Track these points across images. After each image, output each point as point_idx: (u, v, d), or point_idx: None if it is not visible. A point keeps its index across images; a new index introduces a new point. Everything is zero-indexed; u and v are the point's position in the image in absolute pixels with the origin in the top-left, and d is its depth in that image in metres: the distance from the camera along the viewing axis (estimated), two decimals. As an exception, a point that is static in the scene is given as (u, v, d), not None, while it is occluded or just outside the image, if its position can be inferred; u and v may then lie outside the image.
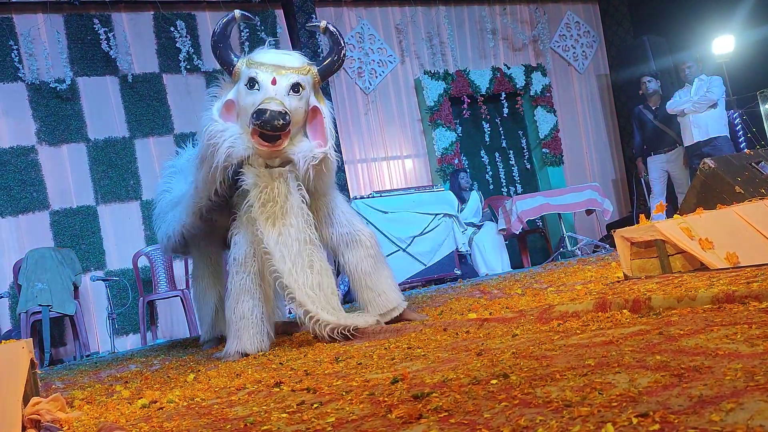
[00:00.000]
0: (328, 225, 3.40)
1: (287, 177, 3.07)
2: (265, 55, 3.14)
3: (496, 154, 8.46)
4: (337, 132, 4.15)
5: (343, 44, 3.23)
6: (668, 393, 1.07)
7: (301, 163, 3.07)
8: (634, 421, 0.96)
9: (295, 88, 3.03)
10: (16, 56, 6.33)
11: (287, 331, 3.68)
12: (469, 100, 8.04)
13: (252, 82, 3.02)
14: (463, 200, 7.13)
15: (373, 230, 3.64)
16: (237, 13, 3.24)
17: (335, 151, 3.24)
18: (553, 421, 1.04)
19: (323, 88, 7.59)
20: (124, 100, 6.75)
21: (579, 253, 6.66)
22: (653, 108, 7.25)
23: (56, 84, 6.41)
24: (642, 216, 3.09)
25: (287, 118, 2.91)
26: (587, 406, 1.07)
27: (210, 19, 7.18)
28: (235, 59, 3.14)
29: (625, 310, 2.04)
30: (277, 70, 3.02)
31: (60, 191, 6.40)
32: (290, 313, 5.26)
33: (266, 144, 2.98)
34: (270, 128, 2.89)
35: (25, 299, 5.44)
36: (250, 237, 3.16)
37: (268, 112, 2.86)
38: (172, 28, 6.92)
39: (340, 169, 7.43)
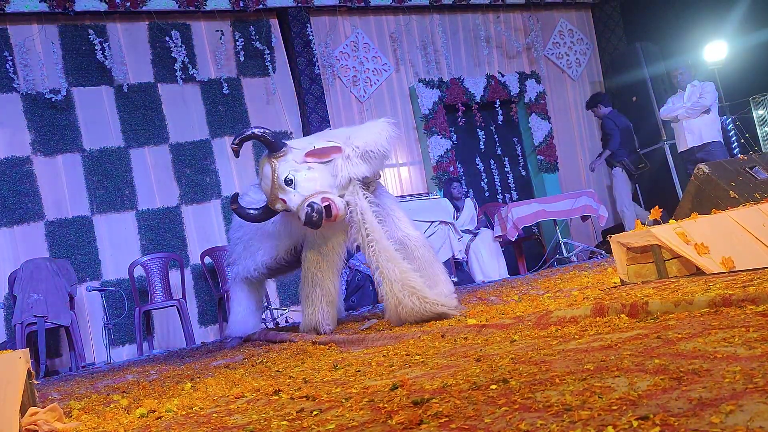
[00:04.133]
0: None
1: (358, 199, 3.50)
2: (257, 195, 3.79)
3: (491, 162, 8.49)
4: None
5: (249, 131, 3.56)
6: (668, 396, 1.07)
7: (355, 175, 3.50)
8: (635, 424, 0.96)
9: (288, 182, 3.46)
10: (10, 67, 6.32)
11: None
12: (463, 108, 8.07)
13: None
14: (457, 209, 7.13)
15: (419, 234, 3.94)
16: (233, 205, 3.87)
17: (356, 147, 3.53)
18: (553, 425, 1.04)
19: (318, 96, 7.59)
20: (119, 110, 6.74)
21: (575, 259, 6.67)
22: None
23: (51, 94, 6.41)
24: (638, 221, 3.11)
25: (314, 204, 3.34)
26: (587, 410, 1.08)
27: (205, 28, 7.20)
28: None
29: (622, 315, 2.05)
30: (278, 192, 3.51)
31: (55, 201, 6.38)
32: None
33: (330, 220, 3.43)
34: (318, 224, 3.37)
35: (20, 310, 5.41)
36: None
37: (306, 220, 3.37)
38: (167, 38, 6.93)
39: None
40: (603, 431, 0.96)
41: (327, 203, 3.38)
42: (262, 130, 3.52)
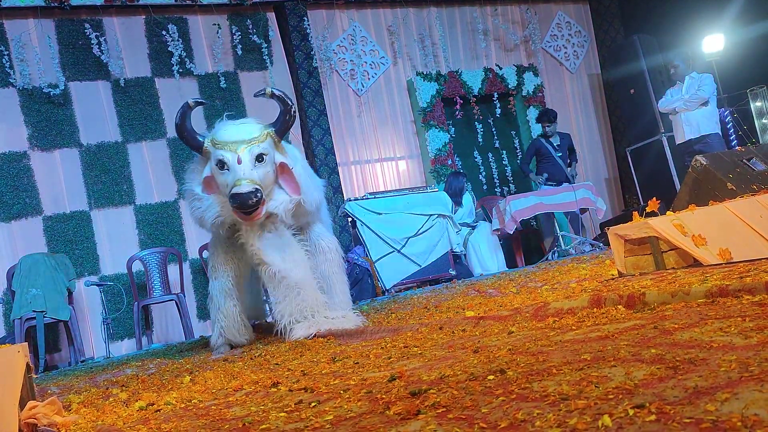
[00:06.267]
0: (315, 254, 3.95)
1: (273, 227, 3.62)
2: (225, 132, 3.51)
3: (489, 155, 8.48)
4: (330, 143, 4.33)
5: (290, 104, 3.65)
6: (664, 385, 1.08)
7: (282, 215, 3.57)
8: (631, 412, 0.97)
9: (259, 158, 3.44)
10: (7, 62, 6.30)
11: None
12: (461, 101, 8.05)
13: (221, 164, 3.44)
14: (459, 204, 7.13)
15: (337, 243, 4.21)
16: (190, 101, 3.65)
17: (316, 192, 3.82)
18: (550, 414, 1.05)
19: (315, 89, 7.58)
20: (116, 105, 6.73)
21: (573, 252, 6.67)
22: (555, 145, 7.50)
23: (49, 89, 6.39)
24: (635, 213, 3.11)
25: (258, 194, 3.33)
26: (584, 399, 1.08)
27: (202, 22, 7.18)
28: (201, 139, 3.56)
29: (620, 306, 2.05)
30: (238, 147, 3.40)
31: (53, 196, 6.37)
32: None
33: (246, 217, 3.42)
34: (247, 208, 3.32)
35: (19, 305, 5.42)
36: (229, 246, 3.81)
37: (241, 196, 3.27)
38: (164, 32, 6.91)
39: (334, 172, 7.43)
40: (599, 420, 0.96)
41: (263, 207, 3.44)
42: (293, 114, 3.65)
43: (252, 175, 3.35)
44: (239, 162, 3.38)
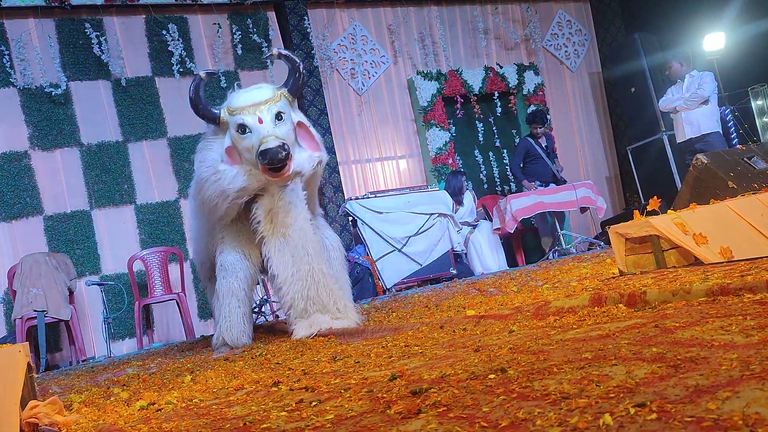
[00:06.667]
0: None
1: (294, 188, 3.61)
2: (240, 98, 3.52)
3: (490, 154, 8.48)
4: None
5: (298, 62, 3.66)
6: (665, 383, 1.08)
7: (306, 172, 3.61)
8: (632, 411, 0.97)
9: (278, 116, 3.44)
10: (7, 61, 6.31)
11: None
12: (462, 100, 8.06)
13: (242, 128, 3.44)
14: (460, 203, 7.13)
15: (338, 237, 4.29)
16: (202, 73, 3.69)
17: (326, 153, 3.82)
18: (551, 413, 1.04)
19: (316, 89, 7.58)
20: (117, 104, 6.73)
21: (574, 250, 6.67)
22: (543, 145, 7.48)
23: (51, 89, 6.40)
24: (636, 212, 3.10)
25: (286, 147, 3.33)
26: (585, 398, 1.08)
27: (202, 21, 7.18)
28: (217, 111, 3.57)
29: (620, 305, 2.05)
30: (257, 109, 3.41)
31: (53, 196, 6.37)
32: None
33: (277, 174, 3.41)
34: (278, 162, 3.31)
35: (20, 305, 5.42)
36: (237, 246, 3.79)
37: (270, 150, 3.27)
38: (164, 32, 6.91)
39: (335, 171, 7.43)
40: (600, 419, 0.96)
41: (291, 164, 3.43)
42: (302, 71, 3.66)
43: (276, 131, 3.37)
44: (261, 122, 3.39)
